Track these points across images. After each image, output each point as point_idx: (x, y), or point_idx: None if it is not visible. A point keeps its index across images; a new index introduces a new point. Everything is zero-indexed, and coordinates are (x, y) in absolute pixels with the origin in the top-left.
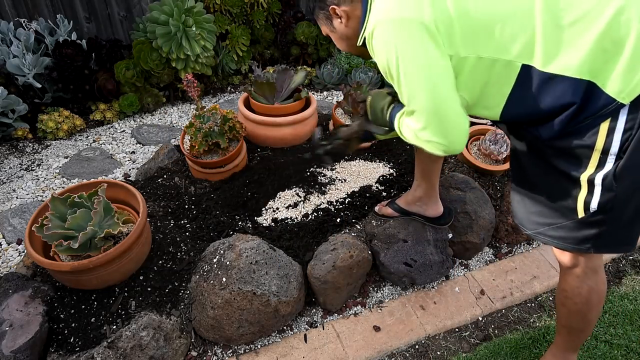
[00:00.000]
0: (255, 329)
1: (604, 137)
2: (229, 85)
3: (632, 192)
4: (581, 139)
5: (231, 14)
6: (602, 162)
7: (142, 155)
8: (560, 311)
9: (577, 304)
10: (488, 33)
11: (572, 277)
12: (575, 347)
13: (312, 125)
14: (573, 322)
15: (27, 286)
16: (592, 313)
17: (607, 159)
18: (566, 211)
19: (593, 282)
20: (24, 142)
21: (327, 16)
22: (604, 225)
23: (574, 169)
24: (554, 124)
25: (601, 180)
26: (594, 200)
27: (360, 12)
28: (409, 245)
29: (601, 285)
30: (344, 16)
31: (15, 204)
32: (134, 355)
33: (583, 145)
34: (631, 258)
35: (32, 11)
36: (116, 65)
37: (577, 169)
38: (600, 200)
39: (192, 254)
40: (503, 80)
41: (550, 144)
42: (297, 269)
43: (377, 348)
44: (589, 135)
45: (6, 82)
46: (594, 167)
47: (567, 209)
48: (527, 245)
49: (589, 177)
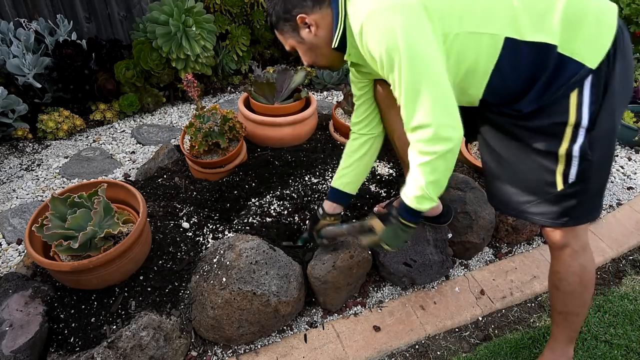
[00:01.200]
0: (255, 329)
1: (575, 112)
2: (229, 85)
3: (602, 160)
4: (555, 117)
5: (231, 14)
6: (575, 135)
7: (142, 155)
8: (555, 296)
9: (571, 284)
10: (472, 9)
11: (564, 256)
12: (572, 337)
13: (312, 125)
14: (568, 306)
15: (27, 286)
16: (586, 292)
17: (579, 132)
18: (545, 186)
19: (584, 259)
20: (24, 142)
21: (293, 27)
22: (580, 195)
23: (552, 145)
24: (531, 95)
25: (578, 152)
26: (572, 171)
27: (330, 18)
28: (408, 246)
29: (591, 262)
30: (314, 24)
31: (15, 204)
32: (134, 355)
33: (557, 122)
34: (631, 258)
35: (32, 11)
36: (116, 65)
37: (554, 145)
38: (578, 170)
39: (192, 254)
40: (489, 55)
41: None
42: (297, 269)
43: (377, 348)
44: (561, 111)
45: (6, 82)
46: (568, 140)
47: (546, 183)
48: (527, 245)
49: (566, 150)
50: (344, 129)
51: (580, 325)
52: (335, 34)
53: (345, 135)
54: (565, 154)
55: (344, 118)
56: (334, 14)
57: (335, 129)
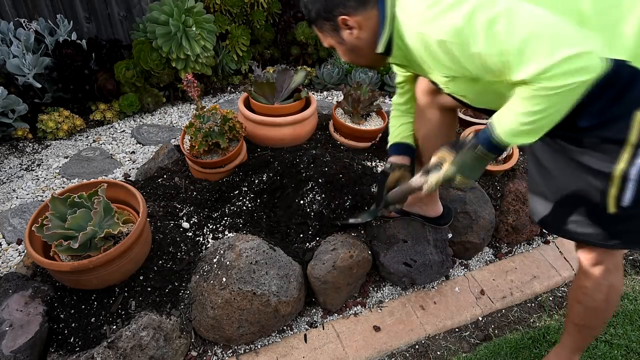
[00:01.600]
0: (255, 329)
1: (638, 130)
2: (229, 85)
3: None
4: (614, 133)
5: (231, 14)
6: (635, 156)
7: (142, 155)
8: (575, 309)
9: (596, 301)
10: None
11: (595, 273)
12: (582, 348)
13: (312, 125)
14: (587, 320)
15: (27, 286)
16: (609, 310)
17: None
18: (595, 208)
19: (614, 278)
20: (24, 142)
21: (334, 27)
22: (635, 220)
23: (604, 165)
24: (591, 110)
25: (636, 175)
26: (626, 195)
27: (375, 20)
28: (408, 246)
29: (620, 281)
30: (356, 27)
31: (15, 204)
32: (134, 355)
33: (615, 139)
34: (631, 258)
35: (32, 11)
36: (116, 65)
37: (607, 165)
38: (634, 196)
39: (192, 254)
40: None
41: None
42: (297, 269)
43: (377, 348)
44: (622, 128)
45: (6, 82)
46: (626, 161)
47: (596, 205)
48: (527, 245)
49: (622, 172)
50: (344, 129)
51: (593, 339)
52: (381, 37)
53: (345, 135)
54: (621, 176)
55: (344, 118)
56: (380, 17)
57: (335, 129)
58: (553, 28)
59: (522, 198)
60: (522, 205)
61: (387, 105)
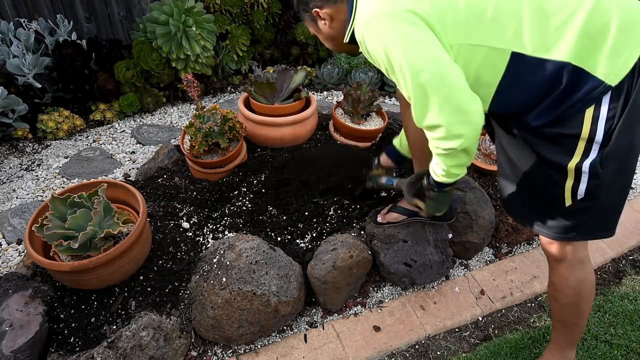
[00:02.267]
0: (255, 329)
1: (589, 126)
2: (229, 85)
3: (615, 178)
4: (568, 129)
5: (231, 14)
6: (588, 150)
7: (142, 155)
8: (553, 306)
9: (568, 297)
10: (478, 21)
11: (561, 269)
12: (572, 343)
13: (312, 125)
14: (566, 316)
15: (27, 286)
16: (584, 304)
17: (592, 147)
18: (554, 199)
19: (581, 273)
20: (24, 142)
21: (311, 18)
22: (589, 212)
23: (562, 158)
24: (541, 109)
25: (588, 168)
26: (581, 187)
27: (345, 13)
28: (408, 246)
29: (589, 275)
30: (328, 18)
31: (15, 204)
32: (134, 355)
33: (569, 134)
34: (631, 258)
35: (32, 11)
36: (116, 65)
37: (564, 158)
38: (588, 187)
39: (192, 254)
40: (494, 69)
41: (539, 133)
42: (297, 269)
43: (377, 348)
44: (575, 124)
45: (6, 82)
46: (579, 155)
47: (554, 197)
48: (527, 245)
49: (576, 165)
50: (344, 129)
51: (581, 332)
52: (347, 30)
53: (345, 135)
54: (575, 169)
55: (344, 118)
56: (348, 10)
57: (335, 129)
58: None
59: None
60: None
61: (387, 105)
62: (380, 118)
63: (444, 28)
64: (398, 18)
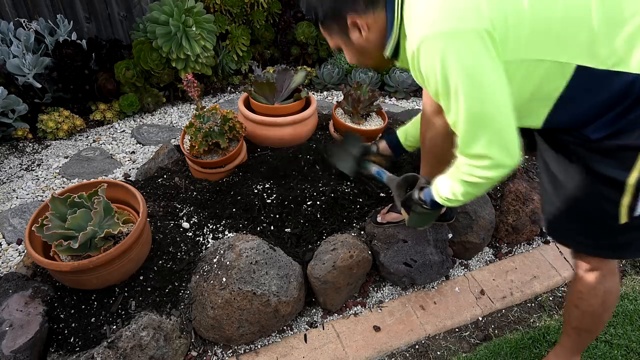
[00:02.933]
0: (255, 329)
1: None
2: (229, 85)
3: None
4: (629, 140)
5: (231, 14)
6: None
7: (142, 155)
8: (572, 313)
9: (592, 305)
10: (545, 35)
11: (591, 278)
12: (581, 350)
13: (312, 125)
14: (585, 324)
15: (27, 286)
16: (606, 314)
17: None
18: (604, 217)
19: (610, 283)
20: (24, 142)
21: (341, 28)
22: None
23: (619, 172)
24: (604, 122)
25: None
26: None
27: (383, 22)
28: (408, 246)
29: (616, 286)
30: (365, 28)
31: (15, 204)
32: (134, 355)
33: (630, 146)
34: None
35: (32, 11)
36: (116, 65)
37: (622, 173)
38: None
39: (192, 254)
40: (555, 83)
41: (595, 147)
42: (297, 269)
43: (377, 348)
44: (636, 136)
45: (6, 82)
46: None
47: (605, 214)
48: (527, 245)
49: (637, 180)
50: (344, 129)
51: (592, 340)
52: (389, 40)
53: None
54: (635, 185)
55: (344, 118)
56: (388, 19)
57: (335, 129)
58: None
59: (522, 198)
60: (522, 206)
61: (387, 105)
62: (380, 118)
63: (504, 44)
64: (463, 40)
